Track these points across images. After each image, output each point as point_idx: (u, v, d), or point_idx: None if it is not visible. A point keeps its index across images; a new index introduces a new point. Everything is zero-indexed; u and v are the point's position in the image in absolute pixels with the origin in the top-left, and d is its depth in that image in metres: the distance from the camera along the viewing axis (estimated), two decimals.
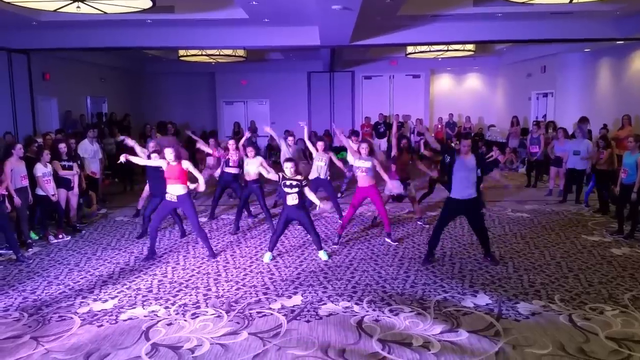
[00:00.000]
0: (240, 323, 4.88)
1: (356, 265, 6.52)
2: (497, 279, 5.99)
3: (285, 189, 6.59)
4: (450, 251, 7.08)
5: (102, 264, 6.77)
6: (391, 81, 19.82)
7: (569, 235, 7.82)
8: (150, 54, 16.37)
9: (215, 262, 6.77)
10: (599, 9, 10.17)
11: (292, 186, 6.55)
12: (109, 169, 12.78)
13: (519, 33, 11.74)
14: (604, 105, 13.94)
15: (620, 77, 13.42)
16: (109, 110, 16.71)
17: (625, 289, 5.63)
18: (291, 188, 6.56)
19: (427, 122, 18.98)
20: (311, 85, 19.69)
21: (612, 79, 13.82)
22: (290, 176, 6.59)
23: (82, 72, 15.28)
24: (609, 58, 13.90)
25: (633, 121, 11.62)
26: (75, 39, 11.51)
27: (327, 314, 5.06)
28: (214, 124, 19.73)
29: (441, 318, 4.93)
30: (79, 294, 5.70)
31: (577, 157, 9.79)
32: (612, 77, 13.85)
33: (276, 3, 9.10)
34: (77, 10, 7.15)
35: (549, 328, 4.70)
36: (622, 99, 13.11)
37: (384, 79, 19.84)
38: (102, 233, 8.44)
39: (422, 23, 11.49)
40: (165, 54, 16.72)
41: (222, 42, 12.25)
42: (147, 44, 12.23)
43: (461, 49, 14.38)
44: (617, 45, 13.04)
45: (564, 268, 6.33)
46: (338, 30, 10.32)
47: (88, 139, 10.13)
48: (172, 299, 5.52)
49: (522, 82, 17.88)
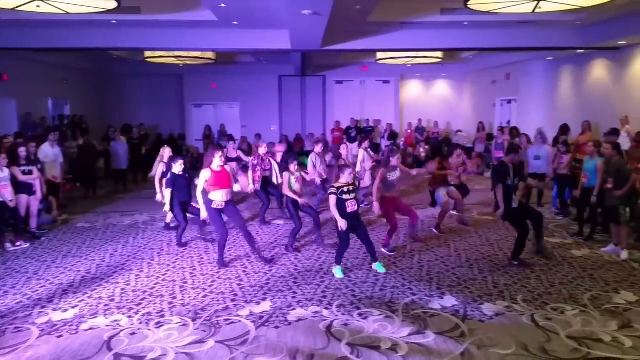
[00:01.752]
0: (206, 331, 4.78)
1: (326, 270, 6.49)
2: (463, 281, 6.06)
3: (344, 196, 6.19)
4: (418, 254, 7.12)
5: (62, 272, 6.55)
6: (362, 86, 19.95)
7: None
8: (116, 55, 16.02)
9: (181, 269, 6.64)
10: (562, 19, 10.46)
11: (350, 192, 6.28)
12: (71, 174, 12.44)
13: (485, 41, 11.98)
14: (565, 111, 14.34)
15: (581, 85, 13.83)
16: (72, 112, 16.29)
17: (585, 289, 5.77)
18: (349, 194, 6.25)
19: (397, 127, 19.15)
20: (282, 89, 19.63)
21: (573, 87, 14.24)
22: (346, 182, 6.25)
23: (44, 72, 14.83)
24: (570, 66, 14.32)
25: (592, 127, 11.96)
26: (36, 39, 11.18)
27: (296, 320, 5.01)
28: (182, 127, 19.47)
29: (409, 320, 4.95)
30: (38, 304, 5.49)
31: (538, 162, 10.02)
32: (573, 85, 14.27)
33: (245, 6, 9.04)
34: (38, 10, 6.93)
35: (512, 328, 4.78)
36: (583, 105, 13.52)
37: (354, 84, 19.96)
38: (62, 240, 8.18)
39: (391, 30, 11.61)
40: (131, 55, 16.39)
41: (190, 44, 12.10)
42: (112, 45, 11.98)
43: (429, 56, 14.60)
44: (578, 54, 13.44)
45: (526, 269, 6.44)
46: (309, 35, 10.31)
47: (49, 143, 9.85)
48: (135, 307, 5.37)
49: (487, 89, 18.25)
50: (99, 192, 12.32)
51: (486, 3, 7.79)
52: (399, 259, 6.92)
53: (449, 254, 7.12)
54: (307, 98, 19.78)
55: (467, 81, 20.07)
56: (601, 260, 6.80)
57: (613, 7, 8.94)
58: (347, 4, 8.39)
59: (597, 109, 12.82)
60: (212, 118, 19.50)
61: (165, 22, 10.61)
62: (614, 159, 7.09)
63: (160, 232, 8.59)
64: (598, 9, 8.66)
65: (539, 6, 7.74)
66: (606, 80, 12.86)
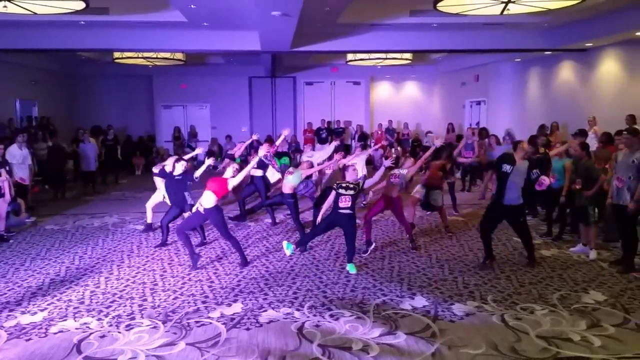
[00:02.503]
0: (177, 333, 4.76)
1: (297, 271, 6.52)
2: (434, 281, 6.14)
3: (341, 190, 6.40)
4: (389, 254, 7.20)
5: (30, 275, 6.44)
6: (332, 87, 20.03)
7: (501, 237, 8.11)
8: (84, 56, 15.78)
9: (152, 271, 6.59)
10: (529, 21, 10.69)
11: (349, 188, 6.41)
12: (39, 175, 12.20)
13: (454, 43, 12.16)
14: (533, 112, 14.64)
15: (549, 86, 14.15)
16: (40, 113, 15.96)
17: (554, 288, 5.89)
18: (347, 190, 6.39)
19: (367, 128, 19.30)
20: (253, 90, 19.59)
21: (541, 88, 14.55)
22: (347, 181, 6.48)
23: (11, 73, 14.52)
24: (537, 68, 14.63)
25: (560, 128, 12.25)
26: (3, 40, 10.96)
27: (267, 321, 5.02)
28: (152, 128, 19.25)
29: (380, 321, 5.00)
30: (6, 307, 5.39)
31: None
32: (540, 86, 14.58)
33: (215, 7, 9.01)
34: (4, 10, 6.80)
35: (482, 328, 4.86)
36: (551, 106, 13.82)
37: (325, 85, 20.02)
38: (30, 242, 8.03)
39: (361, 31, 11.69)
40: (100, 56, 16.17)
41: (159, 45, 12.00)
42: (80, 45, 11.81)
43: (399, 57, 14.76)
44: (545, 56, 13.75)
45: (496, 269, 6.56)
46: (278, 36, 10.33)
47: (17, 144, 9.68)
48: (105, 310, 5.32)
49: (457, 90, 18.52)
50: (68, 194, 12.13)
51: (455, 5, 7.92)
52: (370, 260, 6.99)
53: (419, 255, 7.22)
54: (277, 99, 19.78)
55: (436, 83, 20.33)
56: (570, 260, 6.93)
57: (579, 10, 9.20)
58: (316, 6, 8.44)
59: (565, 110, 13.12)
60: (182, 119, 19.35)
61: (134, 23, 10.49)
62: (582, 159, 7.19)
63: (130, 234, 8.50)
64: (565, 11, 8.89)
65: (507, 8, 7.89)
66: (573, 81, 13.17)
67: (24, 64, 14.94)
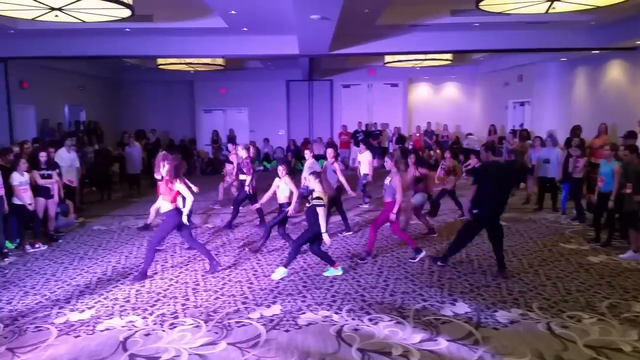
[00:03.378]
0: (218, 333, 4.83)
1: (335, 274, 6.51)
2: (476, 287, 6.03)
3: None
4: (428, 260, 7.11)
5: (79, 274, 6.67)
6: (369, 90, 19.95)
7: (547, 243, 7.92)
8: (129, 63, 16.25)
9: (194, 271, 6.71)
10: (575, 19, 10.36)
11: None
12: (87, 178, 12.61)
13: (496, 43, 11.91)
14: (580, 113, 14.19)
15: (596, 87, 13.68)
16: (87, 118, 16.53)
17: (603, 296, 5.69)
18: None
19: (405, 130, 19.12)
20: (290, 94, 19.71)
21: (588, 88, 14.09)
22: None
23: (60, 80, 15.09)
24: (584, 67, 14.17)
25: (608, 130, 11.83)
26: (54, 48, 11.39)
27: (306, 323, 5.04)
28: (192, 132, 19.63)
29: (420, 326, 4.94)
30: (56, 304, 5.60)
31: (547, 166, 9.97)
32: (587, 86, 14.12)
33: (255, 13, 9.11)
34: (56, 19, 7.05)
35: (527, 336, 4.74)
36: (597, 107, 13.36)
37: (362, 88, 19.95)
38: (79, 242, 8.31)
39: (400, 33, 11.60)
40: (144, 63, 16.61)
41: (201, 51, 12.22)
42: (125, 52, 12.15)
43: (439, 58, 14.55)
44: (592, 55, 13.31)
45: (541, 276, 6.40)
46: (317, 40, 10.35)
47: (65, 148, 10.02)
48: (150, 309, 5.45)
49: (499, 91, 18.13)
50: (113, 196, 12.48)
51: (498, 4, 7.75)
52: (409, 265, 6.92)
53: (460, 260, 7.09)
54: (314, 102, 19.83)
55: (477, 83, 19.96)
56: (619, 267, 6.70)
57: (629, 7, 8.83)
58: (355, 8, 8.41)
59: (613, 110, 12.66)
60: (222, 123, 19.66)
61: (177, 30, 10.73)
62: (632, 162, 6.95)
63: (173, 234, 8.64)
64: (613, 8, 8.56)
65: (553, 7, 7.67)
66: (622, 81, 12.70)
67: (72, 71, 15.51)
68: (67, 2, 6.34)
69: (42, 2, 6.31)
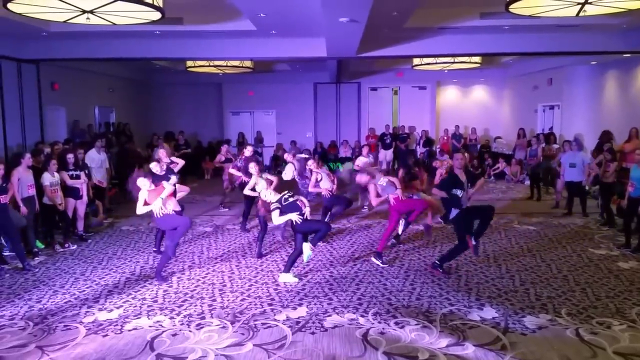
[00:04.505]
0: (245, 334, 4.87)
1: (361, 277, 6.50)
2: (504, 292, 5.95)
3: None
4: (455, 263, 7.04)
5: (107, 274, 6.79)
6: (397, 93, 19.86)
7: (576, 248, 7.78)
8: (158, 65, 16.49)
9: (220, 272, 6.77)
10: (606, 22, 10.17)
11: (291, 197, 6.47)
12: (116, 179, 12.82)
13: (526, 45, 11.75)
14: (610, 117, 13.90)
15: (627, 90, 13.39)
16: (117, 120, 16.82)
17: (633, 303, 5.58)
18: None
19: (432, 133, 18.99)
20: (317, 96, 19.74)
21: (619, 92, 13.79)
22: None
23: (91, 82, 15.39)
24: (615, 71, 13.89)
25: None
26: (85, 50, 11.62)
27: (332, 326, 5.04)
28: (220, 134, 19.80)
29: (447, 331, 4.90)
30: (85, 304, 5.71)
31: (573, 170, 9.81)
32: (618, 90, 13.82)
33: (284, 15, 9.16)
34: (87, 22, 7.19)
35: (555, 342, 4.66)
36: (629, 111, 13.07)
37: (390, 91, 19.88)
38: (108, 242, 8.47)
39: (429, 35, 11.52)
40: (173, 65, 16.84)
41: (230, 54, 12.33)
42: (155, 54, 12.32)
43: (467, 61, 14.42)
44: (623, 58, 13.03)
45: (570, 281, 6.29)
46: (345, 42, 10.36)
47: (95, 149, 10.21)
48: (177, 309, 5.52)
49: (528, 94, 17.87)
50: None
51: (528, 7, 7.65)
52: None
53: (488, 264, 7.02)
54: (341, 105, 19.83)
55: (506, 86, 19.70)
56: None
57: None
58: (384, 11, 8.39)
59: None
60: (249, 125, 19.80)
61: (207, 32, 10.85)
62: None
63: (200, 236, 8.77)
64: None
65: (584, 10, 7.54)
66: None
67: (102, 73, 15.77)
68: (99, 4, 6.47)
69: (74, 4, 6.44)
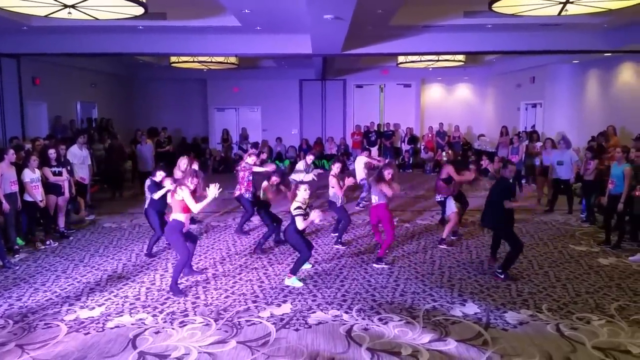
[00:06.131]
0: (228, 332, 4.86)
1: (346, 274, 6.52)
2: (486, 288, 6.01)
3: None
4: (439, 260, 7.10)
5: (89, 271, 6.72)
6: (382, 90, 19.92)
7: (557, 245, 7.88)
8: (142, 60, 16.33)
9: (204, 269, 6.74)
10: (588, 22, 10.31)
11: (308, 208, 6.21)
12: (98, 175, 12.70)
13: (509, 44, 11.87)
14: (591, 116, 14.11)
15: (608, 89, 13.60)
16: (99, 115, 16.62)
17: (612, 298, 5.68)
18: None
19: (417, 131, 19.10)
20: (303, 93, 19.72)
21: (600, 90, 14.00)
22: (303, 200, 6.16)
23: (73, 77, 15.18)
24: (597, 70, 14.08)
25: (619, 132, 11.74)
26: (67, 44, 11.47)
27: (316, 323, 5.05)
28: (205, 131, 19.71)
29: (430, 327, 4.94)
30: (66, 301, 5.65)
31: (560, 167, 9.92)
32: (600, 89, 14.03)
33: (268, 11, 9.13)
34: (69, 16, 7.10)
35: (536, 337, 4.73)
36: (610, 110, 13.28)
37: (375, 88, 19.94)
38: (89, 239, 8.38)
39: (413, 33, 11.58)
40: (157, 60, 16.69)
41: (214, 49, 12.26)
42: (138, 50, 12.20)
43: (451, 59, 14.53)
44: (605, 57, 13.22)
45: (551, 277, 6.38)
46: (330, 39, 10.36)
47: (77, 145, 10.09)
48: (160, 306, 5.49)
49: (511, 93, 18.04)
50: (125, 193, 12.54)
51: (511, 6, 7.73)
52: (420, 265, 6.91)
53: (470, 261, 7.09)
54: (327, 102, 19.84)
55: (490, 85, 19.87)
56: (629, 270, 6.68)
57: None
58: (369, 9, 8.41)
59: (625, 113, 12.57)
60: (234, 122, 19.72)
61: (191, 28, 10.77)
62: None
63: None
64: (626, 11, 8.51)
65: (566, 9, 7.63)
66: (634, 83, 12.60)
67: (84, 68, 15.55)
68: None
69: None
